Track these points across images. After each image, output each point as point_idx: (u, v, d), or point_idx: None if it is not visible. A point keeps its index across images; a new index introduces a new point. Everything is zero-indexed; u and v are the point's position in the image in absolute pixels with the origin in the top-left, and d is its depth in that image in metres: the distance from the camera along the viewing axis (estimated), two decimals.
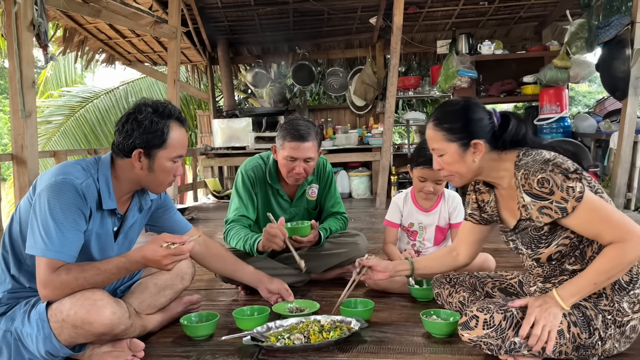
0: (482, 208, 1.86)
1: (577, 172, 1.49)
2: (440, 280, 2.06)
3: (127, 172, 1.76)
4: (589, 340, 1.52)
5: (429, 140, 1.73)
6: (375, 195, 5.94)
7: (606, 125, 5.66)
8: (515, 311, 1.54)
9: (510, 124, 1.65)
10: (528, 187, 1.53)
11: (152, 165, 1.73)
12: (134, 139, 1.69)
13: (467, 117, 1.65)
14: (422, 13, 6.94)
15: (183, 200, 6.97)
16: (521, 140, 1.66)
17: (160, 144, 1.71)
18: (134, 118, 1.71)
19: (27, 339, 1.63)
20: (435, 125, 1.70)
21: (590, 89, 16.55)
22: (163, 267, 1.68)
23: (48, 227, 1.58)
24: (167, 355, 1.80)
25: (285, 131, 2.41)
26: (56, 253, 1.58)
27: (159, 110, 1.73)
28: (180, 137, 1.77)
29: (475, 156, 1.65)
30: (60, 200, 1.60)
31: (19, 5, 3.41)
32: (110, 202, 1.73)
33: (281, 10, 6.76)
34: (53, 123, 9.67)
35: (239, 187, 2.57)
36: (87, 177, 1.67)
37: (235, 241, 2.45)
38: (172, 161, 1.76)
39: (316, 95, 9.87)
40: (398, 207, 2.60)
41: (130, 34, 6.76)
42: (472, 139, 1.64)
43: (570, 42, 5.68)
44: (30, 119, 3.56)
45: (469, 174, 1.70)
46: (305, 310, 2.16)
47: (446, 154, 1.69)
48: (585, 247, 1.59)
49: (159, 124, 1.70)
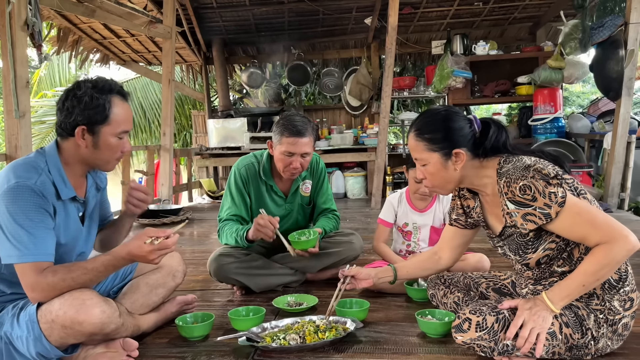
0: (468, 214, 1.88)
1: (557, 177, 1.50)
2: (435, 281, 2.06)
3: (74, 153, 1.72)
4: (581, 340, 1.53)
5: (411, 150, 1.75)
6: (371, 195, 5.95)
7: (600, 125, 5.69)
8: (507, 313, 1.55)
9: (491, 130, 1.66)
10: (511, 194, 1.54)
11: (97, 142, 1.69)
12: (75, 116, 1.65)
13: (448, 127, 1.66)
14: (417, 13, 6.95)
15: (178, 200, 6.95)
16: (501, 147, 1.67)
17: (103, 119, 1.67)
18: (73, 95, 1.67)
19: (18, 342, 1.61)
20: (416, 136, 1.71)
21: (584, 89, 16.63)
22: (149, 262, 1.67)
23: (17, 233, 1.55)
24: (162, 356, 1.80)
25: (282, 127, 2.42)
26: (34, 256, 1.56)
27: (98, 85, 1.69)
28: (124, 112, 1.73)
29: (457, 165, 1.66)
30: (20, 204, 1.56)
31: (13, 4, 3.39)
32: (67, 191, 1.71)
33: (276, 10, 6.75)
34: (47, 123, 9.63)
35: (231, 186, 2.58)
36: (39, 175, 1.63)
37: (227, 236, 2.48)
38: (117, 137, 1.72)
39: (311, 95, 9.87)
40: (392, 206, 2.60)
41: (125, 34, 6.74)
42: (454, 148, 1.65)
43: (564, 42, 5.70)
44: (24, 119, 3.54)
45: (451, 184, 1.72)
46: (303, 304, 2.17)
47: (429, 164, 1.70)
48: (572, 249, 1.60)
49: (99, 99, 1.66)
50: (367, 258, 2.99)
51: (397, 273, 2.05)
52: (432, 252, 2.07)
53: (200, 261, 3.24)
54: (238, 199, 2.56)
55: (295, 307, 2.19)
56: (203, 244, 4.03)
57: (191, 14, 6.62)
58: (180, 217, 5.13)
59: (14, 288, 1.66)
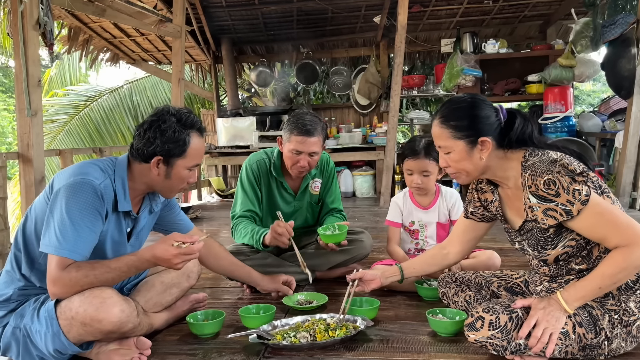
0: (486, 207, 1.86)
1: (583, 175, 1.48)
2: (446, 279, 2.05)
3: (143, 176, 1.78)
4: (595, 340, 1.52)
5: (435, 137, 1.72)
6: (379, 194, 5.94)
7: (611, 124, 5.64)
8: (520, 312, 1.54)
9: (517, 121, 1.64)
10: (534, 188, 1.52)
11: (169, 173, 1.75)
12: (155, 147, 1.70)
13: (474, 115, 1.64)
14: (426, 12, 6.92)
15: (187, 198, 6.99)
16: (527, 139, 1.65)
17: (181, 153, 1.74)
18: (157, 126, 1.71)
19: (36, 336, 1.64)
20: (441, 123, 1.68)
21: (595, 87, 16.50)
22: (173, 266, 1.69)
23: (64, 226, 1.58)
24: (173, 353, 1.81)
25: (292, 125, 2.44)
26: (69, 252, 1.59)
27: (182, 120, 1.74)
28: (200, 146, 1.80)
29: (482, 154, 1.64)
30: (78, 200, 1.61)
31: (25, 4, 3.42)
32: (125, 204, 1.75)
33: (285, 9, 6.75)
34: (58, 122, 9.69)
35: (243, 181, 2.60)
36: (105, 178, 1.69)
37: (242, 236, 2.49)
38: (188, 170, 1.79)
39: (320, 94, 9.86)
40: (398, 206, 2.60)
41: (135, 33, 6.77)
42: (480, 136, 1.62)
43: (575, 40, 5.65)
44: (36, 118, 3.57)
45: (476, 172, 1.69)
46: (313, 303, 2.19)
47: (453, 151, 1.67)
48: (592, 248, 1.58)
49: (182, 134, 1.72)
50: (377, 257, 2.99)
51: (403, 272, 2.05)
52: (440, 247, 2.06)
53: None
54: (251, 194, 2.58)
55: (305, 305, 2.19)
56: None
57: (200, 13, 6.65)
58: (190, 215, 5.15)
59: (44, 282, 1.68)
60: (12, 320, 1.69)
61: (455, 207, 2.54)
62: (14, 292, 1.72)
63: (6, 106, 20.41)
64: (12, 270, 1.75)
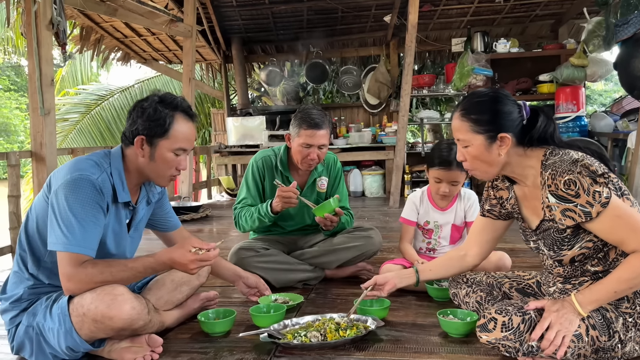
0: (502, 204, 1.84)
1: (604, 176, 1.46)
2: (457, 280, 2.04)
3: (134, 161, 1.78)
4: (608, 343, 1.50)
5: (455, 130, 1.69)
6: (389, 194, 5.93)
7: (624, 124, 5.59)
8: (533, 314, 1.53)
9: (539, 120, 1.62)
10: (554, 187, 1.51)
11: (153, 154, 1.75)
12: (138, 126, 1.72)
13: (496, 109, 1.61)
14: (437, 11, 6.90)
15: (197, 197, 7.01)
16: (549, 138, 1.62)
17: (162, 133, 1.73)
18: (140, 106, 1.74)
19: (49, 334, 1.65)
20: (462, 116, 1.65)
21: (607, 87, 16.36)
22: (188, 271, 1.71)
23: (69, 222, 1.60)
24: (184, 351, 1.82)
25: (300, 120, 2.50)
26: (79, 247, 1.60)
27: (165, 100, 1.75)
28: (186, 130, 1.77)
29: (501, 150, 1.61)
30: (78, 196, 1.62)
31: (39, 4, 3.45)
32: (124, 195, 1.76)
33: (295, 8, 6.76)
34: (69, 121, 9.78)
35: (248, 177, 2.67)
36: (101, 172, 1.70)
37: (248, 217, 2.57)
38: (173, 153, 1.76)
39: (329, 93, 9.85)
40: (414, 204, 2.58)
41: (146, 33, 6.81)
42: (500, 132, 1.60)
43: (587, 40, 5.61)
44: (49, 117, 3.60)
45: (493, 168, 1.67)
46: (289, 302, 2.21)
47: (471, 145, 1.64)
48: (609, 250, 1.57)
49: (162, 113, 1.72)
50: (386, 256, 2.99)
51: (419, 275, 2.00)
52: (458, 250, 2.03)
53: (221, 258, 3.26)
54: (253, 190, 2.64)
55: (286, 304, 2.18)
56: (223, 241, 4.05)
57: (211, 13, 6.67)
58: (200, 214, 5.18)
59: (52, 279, 1.70)
60: (25, 319, 1.70)
61: (472, 208, 2.52)
62: (24, 292, 1.74)
63: (18, 105, 20.63)
64: (19, 271, 1.76)
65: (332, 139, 6.96)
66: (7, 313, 1.76)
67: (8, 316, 1.75)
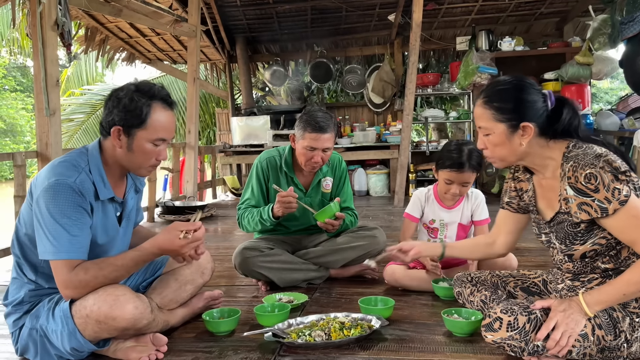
0: (521, 197, 1.83)
1: (626, 174, 1.45)
2: (462, 279, 2.04)
3: (112, 153, 1.74)
4: (614, 342, 1.50)
5: (477, 117, 1.67)
6: (393, 193, 5.93)
7: (630, 122, 5.55)
8: (539, 314, 1.52)
9: (564, 111, 1.59)
10: (574, 180, 1.49)
11: (130, 145, 1.70)
12: (114, 116, 1.67)
13: (520, 98, 1.58)
14: (441, 9, 6.89)
15: (202, 197, 7.02)
16: (573, 131, 1.60)
17: (139, 123, 1.67)
18: (116, 95, 1.69)
19: (53, 335, 1.66)
20: (484, 103, 1.63)
21: (612, 85, 16.28)
22: (181, 255, 1.70)
23: (55, 230, 1.59)
24: (189, 350, 1.83)
25: (305, 122, 2.49)
26: (68, 253, 1.60)
27: (141, 89, 1.70)
28: (164, 119, 1.72)
29: (523, 139, 1.59)
30: (58, 202, 1.60)
31: (44, 5, 3.46)
32: (106, 192, 1.73)
33: (299, 8, 6.76)
34: (75, 121, 9.82)
35: (252, 177, 2.67)
36: (79, 173, 1.66)
37: (249, 220, 2.57)
38: (152, 143, 1.71)
39: (334, 92, 9.85)
40: (419, 201, 2.57)
41: (151, 33, 6.82)
42: (522, 121, 1.57)
43: (592, 38, 5.58)
44: (55, 117, 3.62)
45: (513, 157, 1.64)
46: (293, 301, 2.21)
47: (492, 134, 1.62)
48: (622, 248, 1.55)
49: (138, 103, 1.66)
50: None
51: (445, 249, 2.02)
52: (485, 236, 2.02)
53: (225, 257, 3.28)
54: (257, 190, 2.64)
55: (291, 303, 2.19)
56: (227, 240, 4.07)
57: (215, 13, 6.68)
58: (205, 214, 5.19)
59: (51, 283, 1.70)
60: (28, 321, 1.71)
61: (479, 208, 2.52)
62: (25, 295, 1.74)
63: (24, 105, 20.73)
64: (18, 277, 1.77)
65: (337, 138, 6.96)
66: (11, 316, 1.77)
67: (11, 319, 1.76)
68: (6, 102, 19.96)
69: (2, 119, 19.48)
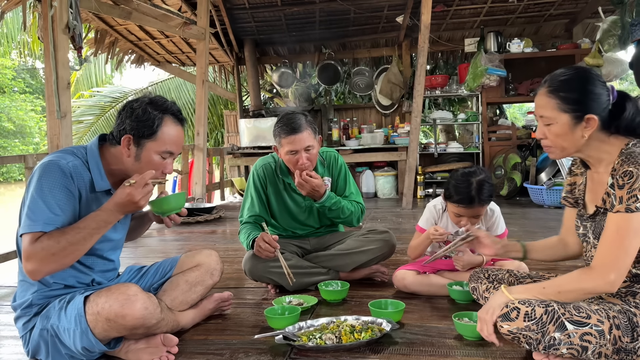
0: (573, 191, 1.81)
1: None
2: (478, 275, 2.03)
3: (118, 160, 1.77)
4: (630, 345, 1.48)
5: (539, 107, 1.64)
6: (402, 195, 5.92)
7: None
8: (556, 306, 1.51)
9: (627, 107, 1.57)
10: (616, 172, 1.50)
11: (139, 155, 1.73)
12: (125, 126, 1.72)
13: (586, 89, 1.56)
14: (449, 11, 6.88)
15: (210, 199, 7.05)
16: (636, 129, 1.58)
17: (150, 134, 1.72)
18: (130, 106, 1.75)
19: (64, 334, 1.66)
20: (549, 92, 1.60)
21: (622, 87, 16.17)
22: (138, 205, 1.66)
23: (34, 204, 1.59)
24: (200, 352, 1.83)
25: (279, 129, 2.46)
26: (39, 225, 1.58)
27: (155, 102, 1.75)
28: (174, 134, 1.77)
29: (585, 131, 1.56)
30: (46, 179, 1.62)
31: (55, 8, 3.50)
32: (102, 184, 1.75)
33: (307, 10, 6.78)
34: (84, 123, 9.90)
35: (250, 187, 2.66)
36: (75, 158, 1.69)
37: (242, 240, 2.57)
38: (160, 155, 1.75)
39: (341, 94, 9.87)
40: (432, 215, 2.48)
41: (160, 35, 6.87)
42: (587, 113, 1.55)
43: (602, 39, 5.55)
44: (66, 120, 3.65)
45: (573, 149, 1.62)
46: (303, 304, 2.21)
47: (555, 124, 1.59)
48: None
49: (151, 115, 1.72)
50: (400, 259, 2.98)
51: (527, 251, 1.97)
52: (558, 238, 1.97)
53: (234, 259, 3.29)
54: (257, 200, 2.63)
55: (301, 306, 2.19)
56: (236, 242, 4.07)
57: (224, 15, 6.71)
58: (213, 215, 5.20)
59: (55, 277, 1.71)
60: (39, 322, 1.72)
61: (495, 224, 2.42)
62: (33, 297, 1.75)
63: (33, 107, 20.90)
64: (24, 280, 1.77)
65: (345, 139, 6.97)
66: (20, 319, 1.77)
67: (21, 322, 1.77)
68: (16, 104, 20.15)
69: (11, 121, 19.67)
